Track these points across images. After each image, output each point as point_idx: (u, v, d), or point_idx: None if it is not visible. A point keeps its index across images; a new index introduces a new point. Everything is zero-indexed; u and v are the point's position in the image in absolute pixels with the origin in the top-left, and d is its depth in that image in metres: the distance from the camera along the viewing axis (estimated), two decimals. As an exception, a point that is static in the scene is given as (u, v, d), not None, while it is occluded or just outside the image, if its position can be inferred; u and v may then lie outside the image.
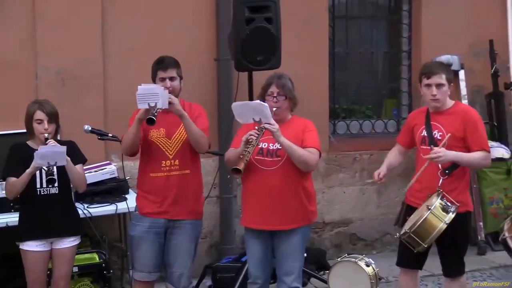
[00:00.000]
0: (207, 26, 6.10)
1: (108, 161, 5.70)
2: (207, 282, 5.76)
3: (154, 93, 4.21)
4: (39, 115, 4.39)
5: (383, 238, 6.88)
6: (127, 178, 5.52)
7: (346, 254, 5.25)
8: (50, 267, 4.56)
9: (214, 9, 6.08)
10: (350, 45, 6.96)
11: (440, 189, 4.40)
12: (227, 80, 6.07)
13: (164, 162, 4.44)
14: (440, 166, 4.42)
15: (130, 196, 5.34)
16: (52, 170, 4.27)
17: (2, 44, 5.47)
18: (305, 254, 4.58)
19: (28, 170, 4.26)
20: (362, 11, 7.11)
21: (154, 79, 4.51)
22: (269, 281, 4.61)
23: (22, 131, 4.60)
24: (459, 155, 4.40)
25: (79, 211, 4.76)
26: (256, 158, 4.35)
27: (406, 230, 4.38)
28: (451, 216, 4.31)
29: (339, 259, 5.13)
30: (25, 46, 5.53)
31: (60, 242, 4.47)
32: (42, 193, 4.42)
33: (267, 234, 4.44)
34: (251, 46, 5.19)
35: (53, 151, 4.20)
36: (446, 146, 4.38)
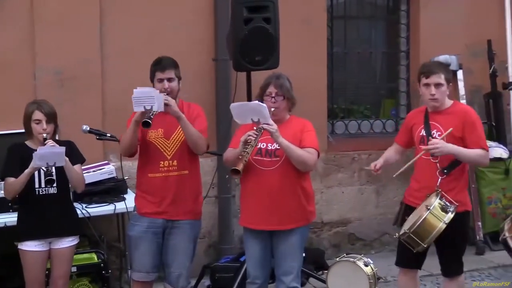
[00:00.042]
0: (205, 26, 6.09)
1: (106, 161, 5.70)
2: (206, 282, 5.75)
3: (149, 96, 4.20)
4: (38, 115, 4.38)
5: (382, 238, 6.89)
6: (125, 178, 5.51)
7: (345, 254, 5.25)
8: (48, 267, 4.55)
9: (212, 9, 6.07)
10: (348, 45, 6.97)
11: (439, 188, 4.40)
12: (226, 80, 6.07)
13: (162, 162, 4.44)
14: (438, 165, 4.42)
15: (129, 196, 5.33)
16: (51, 171, 4.27)
17: (0, 44, 5.47)
18: (303, 254, 4.58)
19: (26, 171, 4.26)
20: (361, 11, 7.11)
21: (152, 80, 4.51)
22: (267, 281, 4.60)
23: (21, 131, 4.60)
24: (457, 149, 4.38)
25: (77, 211, 4.76)
26: (255, 158, 4.35)
27: (405, 230, 4.38)
28: (450, 216, 4.31)
29: (337, 259, 5.14)
30: (23, 46, 5.53)
31: (58, 242, 4.47)
32: (41, 193, 4.41)
33: (266, 234, 4.43)
34: (250, 46, 5.18)
35: (52, 152, 4.19)
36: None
